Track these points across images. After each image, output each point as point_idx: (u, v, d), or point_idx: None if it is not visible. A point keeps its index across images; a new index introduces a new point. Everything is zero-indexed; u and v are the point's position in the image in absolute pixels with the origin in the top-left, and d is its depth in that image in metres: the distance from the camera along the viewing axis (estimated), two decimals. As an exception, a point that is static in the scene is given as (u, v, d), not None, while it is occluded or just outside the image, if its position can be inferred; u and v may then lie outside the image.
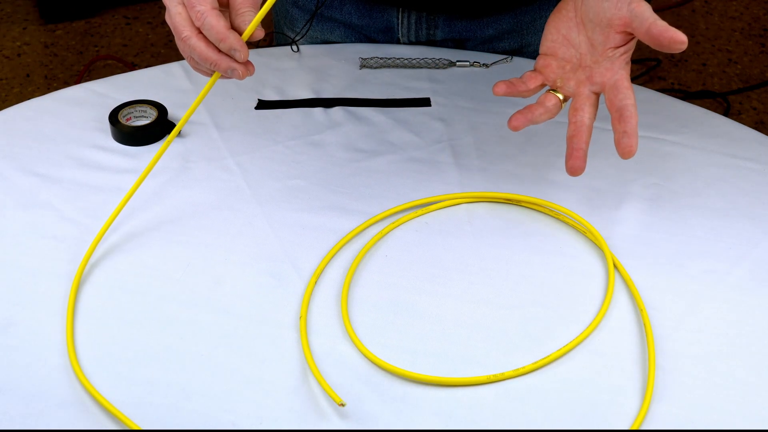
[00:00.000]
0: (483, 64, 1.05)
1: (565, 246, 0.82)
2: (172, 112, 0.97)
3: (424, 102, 1.00)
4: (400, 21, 1.07)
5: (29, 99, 1.01)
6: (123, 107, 0.95)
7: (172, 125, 0.94)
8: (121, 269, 0.80)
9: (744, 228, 0.84)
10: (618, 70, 0.78)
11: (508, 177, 0.89)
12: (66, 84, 2.32)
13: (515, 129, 0.80)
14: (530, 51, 1.11)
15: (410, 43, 1.09)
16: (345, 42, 1.10)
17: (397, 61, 1.05)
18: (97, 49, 2.46)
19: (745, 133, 0.96)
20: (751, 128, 0.96)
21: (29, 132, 0.95)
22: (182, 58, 1.01)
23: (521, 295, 0.77)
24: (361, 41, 1.11)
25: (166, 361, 0.72)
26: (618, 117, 0.76)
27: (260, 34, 0.75)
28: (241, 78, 0.75)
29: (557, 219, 0.85)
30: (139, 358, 0.72)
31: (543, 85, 0.82)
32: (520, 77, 0.82)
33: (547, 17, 1.09)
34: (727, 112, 2.23)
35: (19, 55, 2.44)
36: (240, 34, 0.74)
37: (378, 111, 0.98)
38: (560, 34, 0.81)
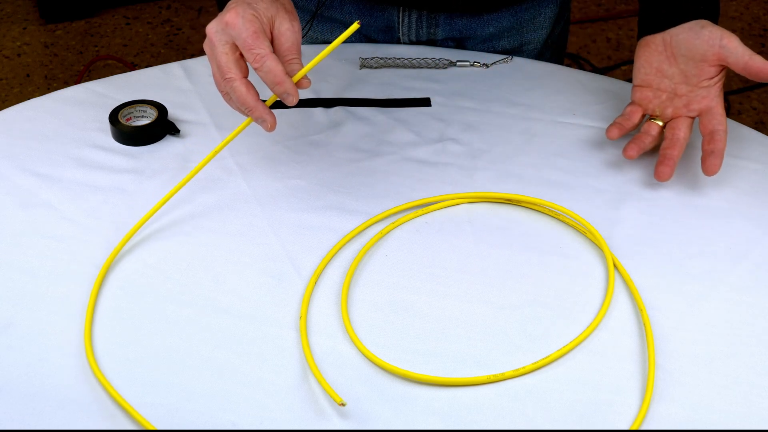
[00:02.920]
0: (483, 64, 1.05)
1: (565, 246, 0.82)
2: (172, 112, 0.97)
3: (424, 102, 1.00)
4: (400, 20, 1.07)
5: (29, 99, 1.01)
6: (123, 107, 0.95)
7: (172, 125, 0.94)
8: (120, 269, 0.80)
9: (744, 228, 0.84)
10: (714, 98, 0.86)
11: (508, 177, 0.89)
12: (66, 84, 2.32)
13: (631, 158, 0.87)
14: (530, 49, 1.11)
15: (411, 42, 1.09)
16: (345, 42, 1.10)
17: (397, 61, 1.05)
18: (97, 49, 2.46)
19: (745, 133, 0.96)
20: (751, 128, 0.96)
21: (29, 132, 0.95)
22: (182, 58, 1.01)
23: (521, 295, 0.77)
24: (361, 41, 1.11)
25: (166, 361, 0.72)
26: (709, 139, 0.85)
27: (307, 84, 0.78)
28: (268, 130, 0.78)
29: (557, 219, 0.85)
30: (139, 358, 0.72)
31: (644, 116, 0.89)
32: (623, 114, 0.90)
33: (546, 14, 1.10)
34: (727, 112, 2.23)
35: (19, 55, 2.44)
36: None
37: (378, 111, 0.98)
38: (653, 66, 0.88)
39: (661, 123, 0.89)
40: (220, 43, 0.78)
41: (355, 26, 0.75)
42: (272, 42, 0.80)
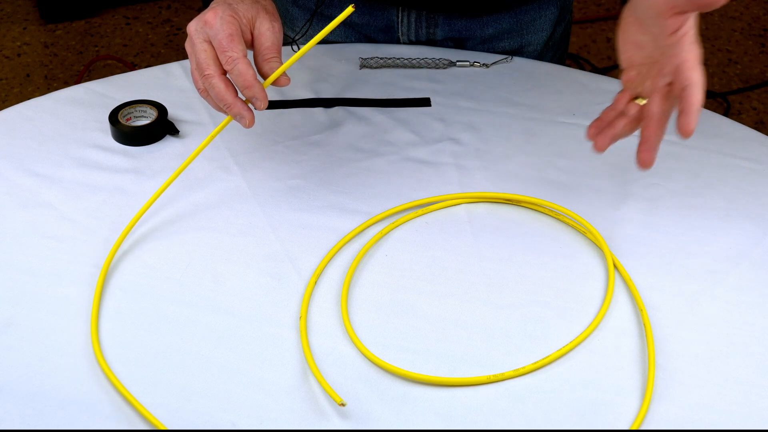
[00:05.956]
0: (483, 64, 1.05)
1: (565, 246, 0.82)
2: (172, 112, 0.97)
3: (424, 102, 1.00)
4: (400, 20, 1.07)
5: (29, 99, 1.01)
6: (123, 107, 0.95)
7: (172, 125, 0.95)
8: (120, 269, 0.80)
9: (744, 228, 0.84)
10: (681, 53, 0.76)
11: (508, 177, 0.89)
12: (66, 84, 2.32)
13: (600, 150, 0.80)
14: (530, 50, 1.11)
15: (410, 42, 1.09)
16: (345, 41, 1.10)
17: (397, 61, 1.05)
18: (97, 49, 2.46)
19: (745, 133, 0.96)
20: (751, 128, 0.96)
21: (29, 132, 0.95)
22: (182, 58, 1.01)
23: (521, 295, 0.77)
24: (360, 41, 1.11)
25: (165, 361, 0.72)
26: (681, 96, 0.74)
27: (286, 82, 0.79)
28: (246, 126, 0.79)
29: (557, 219, 0.85)
30: (139, 358, 0.72)
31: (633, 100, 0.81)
32: (611, 105, 0.81)
33: (547, 16, 1.10)
34: (727, 112, 2.23)
35: (19, 55, 2.44)
36: (265, 79, 0.79)
37: (378, 111, 0.98)
38: (629, 42, 0.80)
39: (642, 102, 0.80)
40: (199, 41, 0.79)
41: (349, 10, 0.75)
42: (252, 42, 0.81)
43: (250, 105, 0.79)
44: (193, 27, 0.80)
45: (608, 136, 0.79)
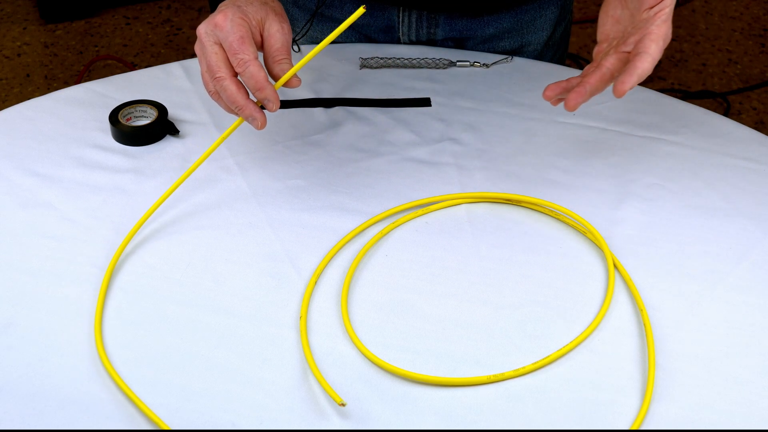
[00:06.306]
0: (483, 64, 1.05)
1: (565, 246, 0.82)
2: (172, 112, 0.97)
3: (424, 102, 1.00)
4: (400, 20, 1.07)
5: (29, 99, 1.01)
6: (123, 107, 0.95)
7: (172, 125, 0.95)
8: (120, 269, 0.80)
9: (744, 228, 0.84)
10: (649, 27, 0.77)
11: (508, 177, 0.89)
12: (66, 84, 2.32)
13: (548, 98, 0.79)
14: (530, 50, 1.11)
15: (411, 42, 1.09)
16: (345, 42, 1.10)
17: (397, 61, 1.05)
18: (97, 49, 2.46)
19: (745, 133, 0.96)
20: (751, 128, 0.96)
21: (29, 132, 0.95)
22: (182, 58, 1.01)
23: (521, 295, 0.77)
24: (361, 41, 1.11)
25: (165, 361, 0.72)
26: (630, 59, 0.76)
27: (297, 83, 0.79)
28: (258, 128, 0.79)
29: (557, 219, 0.85)
30: (138, 359, 0.72)
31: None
32: (581, 75, 0.80)
33: (547, 16, 1.10)
34: (727, 112, 2.23)
35: (19, 55, 2.44)
36: (276, 80, 0.79)
37: (378, 111, 0.98)
38: (609, 16, 0.82)
39: None
40: (209, 44, 0.79)
41: (360, 11, 0.75)
42: (262, 43, 0.81)
43: (261, 107, 0.79)
44: (202, 29, 0.80)
45: (557, 88, 0.79)
